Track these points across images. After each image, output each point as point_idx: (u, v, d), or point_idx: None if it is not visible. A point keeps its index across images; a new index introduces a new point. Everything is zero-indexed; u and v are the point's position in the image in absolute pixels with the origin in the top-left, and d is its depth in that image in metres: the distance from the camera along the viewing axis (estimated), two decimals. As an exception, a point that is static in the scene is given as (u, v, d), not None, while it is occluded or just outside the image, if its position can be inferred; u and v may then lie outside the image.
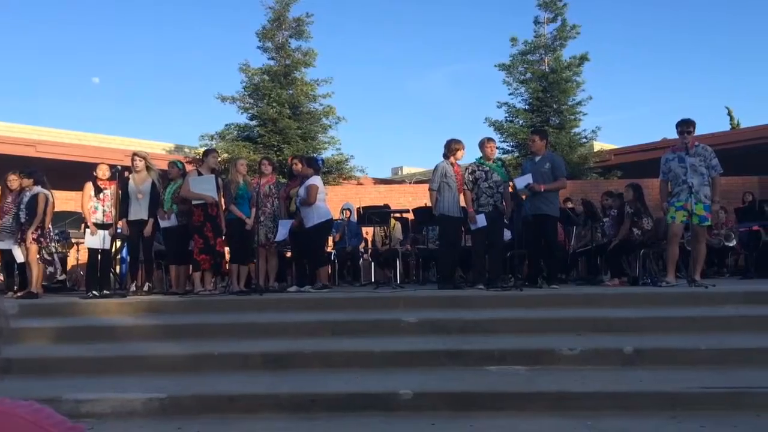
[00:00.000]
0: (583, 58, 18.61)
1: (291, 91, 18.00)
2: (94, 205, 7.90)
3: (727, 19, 48.37)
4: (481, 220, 7.51)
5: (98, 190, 7.91)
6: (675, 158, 7.26)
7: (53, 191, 8.17)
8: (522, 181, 7.52)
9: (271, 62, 18.38)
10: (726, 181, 10.95)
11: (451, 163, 7.83)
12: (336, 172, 18.04)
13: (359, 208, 10.88)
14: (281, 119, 17.27)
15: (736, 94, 55.79)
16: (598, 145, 20.28)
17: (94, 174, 7.98)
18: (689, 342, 4.85)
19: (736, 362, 4.51)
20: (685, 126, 7.21)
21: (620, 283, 7.99)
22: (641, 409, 3.81)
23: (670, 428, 3.51)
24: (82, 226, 9.17)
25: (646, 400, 3.88)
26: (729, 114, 26.72)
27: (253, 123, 18.09)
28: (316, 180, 8.02)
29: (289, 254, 9.60)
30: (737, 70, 53.73)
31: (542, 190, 7.42)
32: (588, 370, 4.48)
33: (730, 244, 10.77)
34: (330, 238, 9.96)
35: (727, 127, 25.15)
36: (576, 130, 18.80)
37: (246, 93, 18.26)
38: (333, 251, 10.71)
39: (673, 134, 7.61)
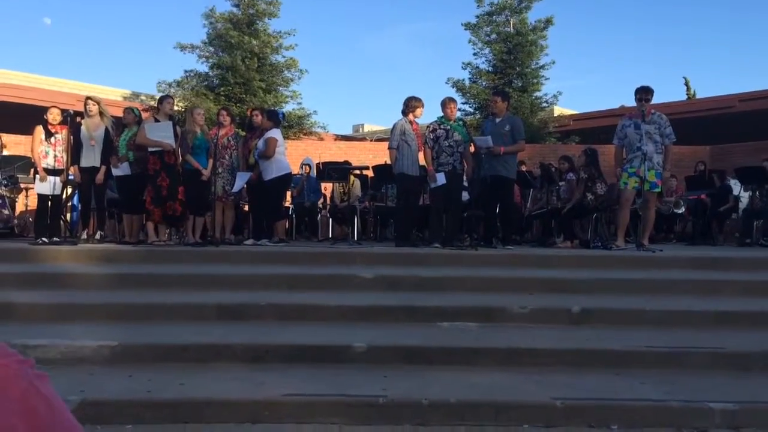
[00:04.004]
0: (548, 22, 18.60)
1: (255, 42, 17.59)
2: (44, 149, 7.66)
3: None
4: (441, 179, 7.55)
5: (49, 134, 7.67)
6: (631, 125, 7.38)
7: (2, 134, 7.87)
8: (482, 141, 7.57)
9: (235, 9, 17.88)
10: (678, 149, 11.22)
11: (410, 121, 7.81)
12: (297, 127, 17.80)
13: (319, 163, 10.81)
14: (248, 71, 16.88)
15: (694, 64, 56.75)
16: (557, 110, 20.49)
17: (45, 117, 7.72)
18: (635, 303, 5.02)
19: (679, 323, 4.69)
20: (644, 93, 7.32)
21: (572, 246, 8.18)
22: (586, 365, 3.94)
23: (612, 384, 3.65)
24: (32, 171, 8.90)
25: (591, 358, 4.02)
26: (686, 84, 27.21)
27: (214, 73, 17.67)
28: (275, 133, 7.91)
29: (246, 207, 9.51)
30: (697, 41, 54.55)
31: (502, 152, 7.48)
32: (537, 328, 4.60)
33: (679, 211, 11.08)
34: (288, 193, 9.89)
35: (684, 97, 25.64)
36: (538, 93, 18.88)
37: (207, 41, 17.77)
38: (291, 206, 10.65)
39: (631, 102, 7.73)
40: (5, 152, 10.51)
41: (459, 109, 9.09)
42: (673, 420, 3.27)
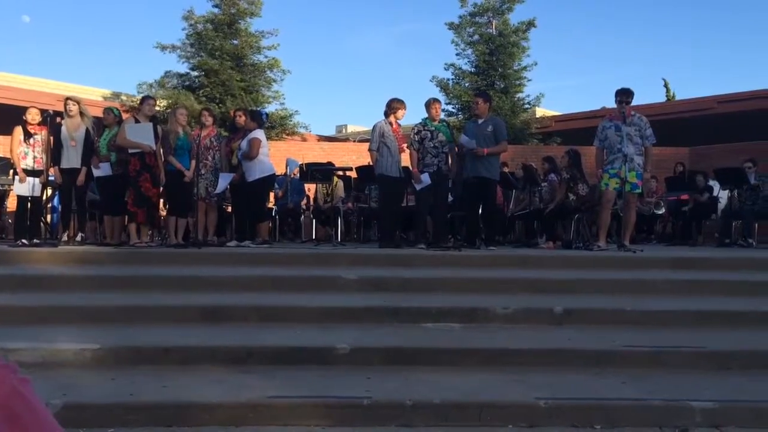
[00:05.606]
0: (530, 24, 18.70)
1: (236, 42, 17.50)
2: (23, 150, 7.57)
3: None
4: (426, 179, 7.57)
5: (28, 135, 7.58)
6: (612, 126, 7.45)
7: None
8: (466, 141, 7.59)
9: (216, 10, 17.77)
10: (658, 151, 11.33)
11: (390, 123, 7.81)
12: (279, 127, 17.74)
13: (302, 164, 10.78)
14: (223, 71, 16.81)
15: (673, 66, 57.42)
16: (539, 111, 20.59)
17: (24, 118, 7.63)
18: (616, 303, 5.06)
19: (659, 323, 4.74)
20: (624, 95, 7.39)
21: (554, 247, 8.23)
22: (568, 365, 3.97)
23: (593, 383, 3.68)
24: (11, 172, 8.79)
25: (572, 358, 4.05)
26: (665, 85, 27.47)
27: (195, 73, 17.56)
28: (259, 134, 7.89)
29: (229, 209, 9.46)
30: (676, 42, 55.19)
31: (485, 153, 7.50)
32: (520, 328, 4.63)
33: (659, 212, 11.20)
34: (271, 194, 9.86)
35: (663, 99, 25.89)
36: (520, 95, 18.98)
37: (188, 42, 17.64)
38: (274, 207, 10.62)
39: (612, 103, 7.80)
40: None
41: (442, 110, 9.13)
42: (655, 419, 3.31)
